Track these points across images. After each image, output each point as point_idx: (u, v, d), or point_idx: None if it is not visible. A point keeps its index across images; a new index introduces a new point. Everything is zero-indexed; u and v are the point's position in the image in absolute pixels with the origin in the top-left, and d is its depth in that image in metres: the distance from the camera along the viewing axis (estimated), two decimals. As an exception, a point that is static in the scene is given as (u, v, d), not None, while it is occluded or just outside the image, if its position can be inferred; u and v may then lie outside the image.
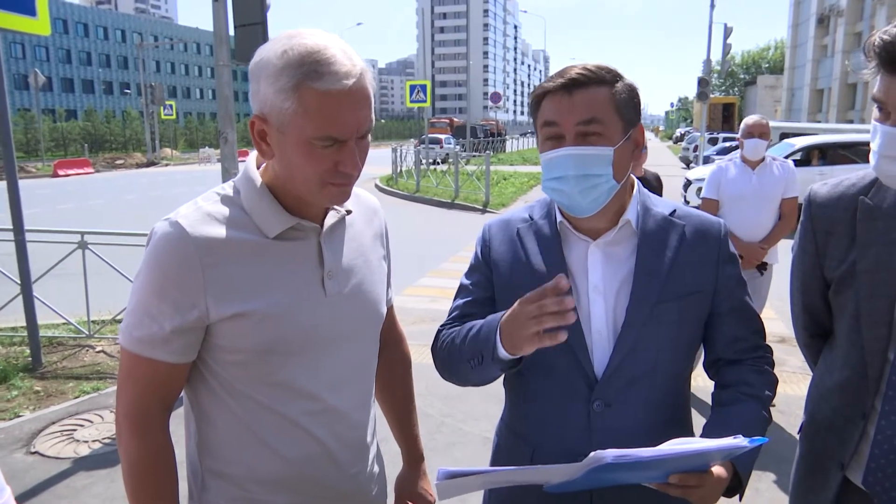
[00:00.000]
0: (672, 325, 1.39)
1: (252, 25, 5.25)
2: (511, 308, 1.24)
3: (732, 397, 1.41)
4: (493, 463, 1.58)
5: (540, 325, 1.15)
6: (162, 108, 40.40)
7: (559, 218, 1.47)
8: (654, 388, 1.41)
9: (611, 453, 1.08)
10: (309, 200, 1.27)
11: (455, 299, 1.58)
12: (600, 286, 1.41)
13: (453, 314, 1.55)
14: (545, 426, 1.46)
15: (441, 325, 1.56)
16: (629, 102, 1.37)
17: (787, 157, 11.98)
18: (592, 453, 1.10)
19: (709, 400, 1.51)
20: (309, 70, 1.11)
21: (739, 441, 1.14)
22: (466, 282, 1.57)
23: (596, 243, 1.43)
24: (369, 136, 1.24)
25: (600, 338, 1.40)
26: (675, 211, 1.48)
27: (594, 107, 1.32)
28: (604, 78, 1.34)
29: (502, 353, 1.27)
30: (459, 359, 1.41)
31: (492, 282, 1.52)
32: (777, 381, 1.46)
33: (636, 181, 1.50)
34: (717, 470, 1.23)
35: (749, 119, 4.57)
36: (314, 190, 1.22)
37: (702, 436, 1.32)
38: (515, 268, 1.48)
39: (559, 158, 1.34)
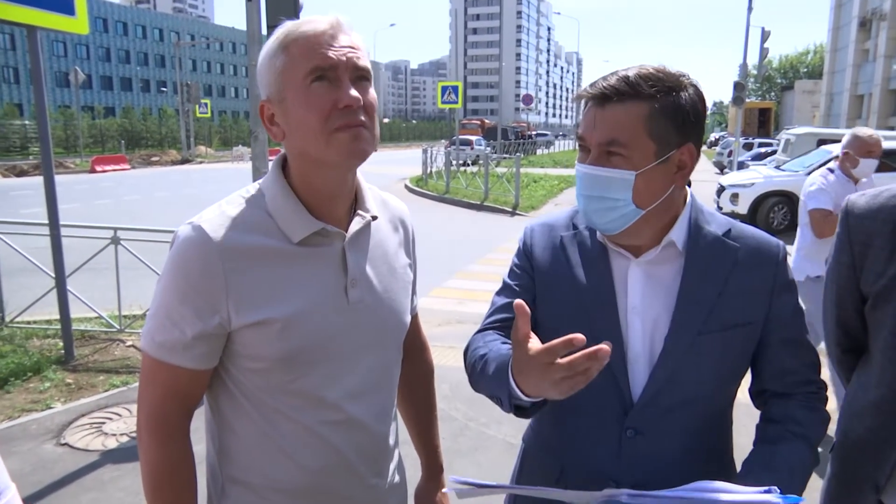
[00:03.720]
0: (714, 356, 1.30)
1: (285, 25, 5.28)
2: (518, 360, 1.08)
3: (779, 435, 1.30)
4: (518, 469, 1.54)
5: (574, 384, 1.01)
6: (197, 106, 41.05)
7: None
8: (693, 419, 1.32)
9: (626, 493, 1.04)
10: (325, 160, 1.20)
11: (496, 296, 1.47)
12: (639, 308, 1.31)
13: (490, 318, 1.44)
14: (575, 443, 1.39)
15: (477, 331, 1.45)
16: (673, 121, 1.22)
17: (823, 164, 11.74)
18: (606, 490, 1.05)
19: (744, 413, 1.45)
20: (291, 29, 1.21)
21: (772, 498, 1.07)
22: (510, 282, 1.46)
23: (637, 261, 1.33)
24: (373, 89, 1.24)
25: (637, 362, 1.31)
26: (730, 231, 1.36)
27: (618, 127, 1.21)
28: (641, 92, 1.20)
29: (524, 399, 1.12)
30: (486, 392, 1.29)
31: (535, 283, 1.42)
32: (829, 419, 1.36)
33: (690, 195, 1.37)
34: None
35: (867, 136, 4.09)
36: (323, 143, 1.17)
37: (741, 472, 1.25)
38: (557, 279, 1.39)
39: (578, 175, 1.29)
